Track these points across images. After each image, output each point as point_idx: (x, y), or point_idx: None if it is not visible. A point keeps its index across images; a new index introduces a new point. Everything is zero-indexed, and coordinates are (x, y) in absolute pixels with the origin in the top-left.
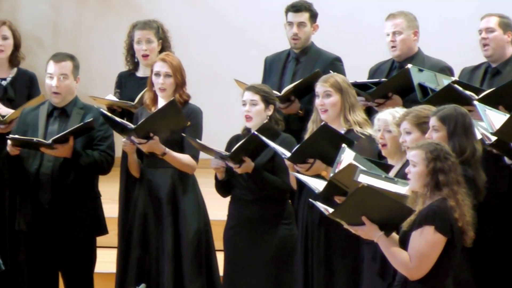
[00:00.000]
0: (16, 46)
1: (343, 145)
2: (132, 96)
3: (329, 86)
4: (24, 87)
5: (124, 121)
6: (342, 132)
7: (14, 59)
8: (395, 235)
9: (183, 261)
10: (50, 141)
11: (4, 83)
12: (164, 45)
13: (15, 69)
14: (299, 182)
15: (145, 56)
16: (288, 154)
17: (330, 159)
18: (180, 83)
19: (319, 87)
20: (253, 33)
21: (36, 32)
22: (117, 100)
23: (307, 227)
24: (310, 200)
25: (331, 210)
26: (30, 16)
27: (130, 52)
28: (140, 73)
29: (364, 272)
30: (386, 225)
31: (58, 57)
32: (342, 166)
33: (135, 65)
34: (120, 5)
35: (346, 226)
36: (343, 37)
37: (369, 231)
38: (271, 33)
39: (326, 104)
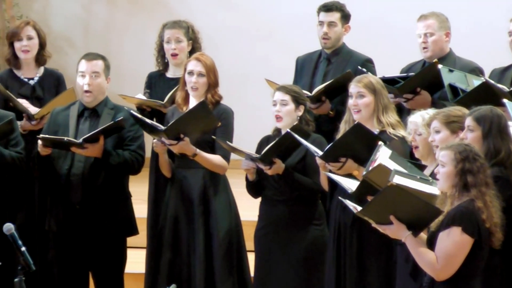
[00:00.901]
0: (42, 45)
1: (380, 142)
2: (162, 97)
3: (362, 86)
4: (52, 86)
5: (154, 122)
6: (376, 133)
7: (40, 58)
8: (423, 236)
9: (214, 261)
10: (80, 140)
11: (32, 82)
12: (194, 46)
13: (41, 69)
14: (332, 183)
15: (174, 55)
16: (320, 152)
17: (362, 159)
18: (212, 83)
19: (353, 88)
20: (283, 33)
21: (67, 32)
22: (146, 99)
23: (340, 228)
24: (340, 198)
25: (359, 208)
26: (61, 17)
27: (161, 52)
28: (170, 73)
29: (397, 273)
30: (414, 225)
31: (90, 56)
32: (376, 164)
33: (166, 66)
34: (150, 5)
35: (374, 225)
36: (373, 38)
37: (396, 231)
38: (302, 34)
39: (359, 105)
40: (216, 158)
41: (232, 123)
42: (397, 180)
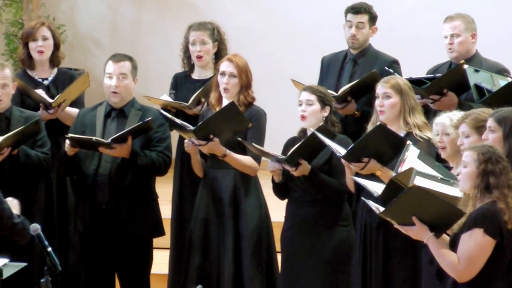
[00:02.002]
0: (57, 46)
1: (408, 142)
2: (187, 98)
3: (389, 87)
4: (67, 85)
5: (184, 122)
6: (402, 135)
7: (54, 59)
8: (445, 237)
9: (243, 261)
10: (109, 140)
11: (46, 82)
12: (220, 47)
13: (55, 69)
14: (358, 185)
15: (199, 57)
16: (342, 152)
17: (385, 159)
18: (245, 85)
19: (380, 88)
20: (310, 34)
21: (94, 33)
22: (171, 100)
23: (365, 230)
24: (363, 198)
25: (382, 209)
26: (88, 17)
27: (186, 54)
28: (196, 75)
29: (422, 274)
30: (437, 226)
31: (117, 57)
32: (405, 164)
33: (191, 67)
34: (177, 6)
35: (396, 225)
36: (400, 39)
37: (419, 232)
38: (329, 35)
39: (385, 105)
40: (246, 159)
41: (264, 124)
42: (418, 181)
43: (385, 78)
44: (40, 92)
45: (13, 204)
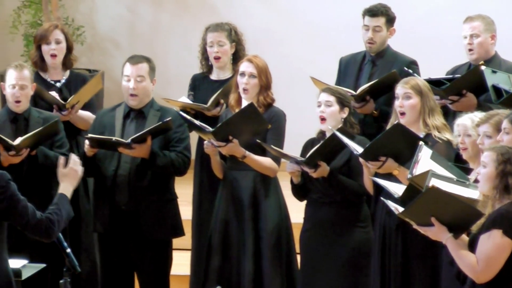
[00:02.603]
0: (69, 49)
1: (421, 143)
2: (205, 99)
3: (409, 88)
4: (79, 88)
5: (203, 124)
6: (421, 136)
7: (67, 62)
8: (464, 238)
9: (263, 262)
10: (128, 140)
11: (58, 84)
12: (238, 48)
13: (68, 71)
14: (377, 186)
15: (216, 58)
16: (360, 150)
17: (403, 158)
18: (264, 85)
19: (399, 89)
20: (328, 35)
21: (112, 34)
22: (190, 102)
23: (385, 232)
24: (381, 198)
25: (401, 209)
26: (106, 18)
27: (204, 55)
28: (214, 76)
29: (442, 275)
30: (455, 227)
31: (135, 59)
32: (419, 165)
33: (209, 68)
34: (196, 7)
35: (415, 226)
36: (419, 39)
37: (438, 232)
38: (347, 35)
39: (405, 106)
40: (266, 161)
41: (283, 126)
42: (434, 183)
43: (405, 79)
44: (53, 94)
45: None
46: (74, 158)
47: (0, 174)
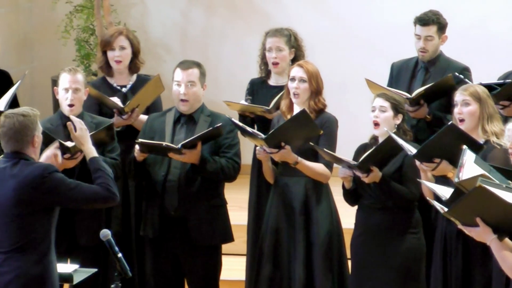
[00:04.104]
0: (135, 54)
1: (464, 147)
2: (263, 104)
3: (468, 95)
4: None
5: (255, 131)
6: (481, 142)
7: (133, 66)
8: (509, 241)
9: (314, 268)
10: (179, 146)
11: (124, 90)
12: (297, 54)
13: (134, 76)
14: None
15: (275, 64)
16: (414, 151)
17: (457, 160)
18: (314, 90)
19: (458, 96)
20: (379, 41)
21: (165, 39)
22: (251, 104)
23: (445, 238)
24: (428, 198)
25: (446, 209)
26: (159, 23)
27: (264, 59)
28: (272, 81)
29: (493, 280)
30: (500, 228)
31: (185, 65)
32: (464, 169)
33: (268, 73)
34: (248, 13)
35: (460, 226)
36: (471, 45)
37: (482, 233)
38: (397, 41)
39: (464, 113)
40: (318, 167)
41: (335, 131)
42: None
43: (464, 86)
44: (115, 99)
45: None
46: (74, 119)
47: (46, 166)
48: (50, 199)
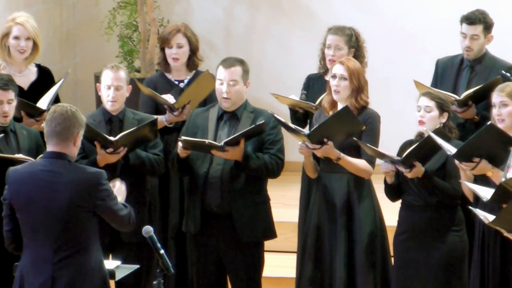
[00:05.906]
0: (193, 51)
1: (511, 147)
2: (317, 99)
3: (505, 95)
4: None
5: (297, 127)
6: None
7: (191, 64)
8: None
9: (356, 266)
10: (222, 143)
11: (182, 85)
12: (356, 54)
13: (193, 72)
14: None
15: (331, 61)
16: (453, 151)
17: (497, 160)
18: (356, 88)
19: (495, 97)
20: (423, 38)
21: (208, 36)
22: (299, 100)
23: (484, 237)
24: (470, 207)
25: (491, 218)
26: (202, 20)
27: (323, 56)
28: (329, 77)
29: None
30: None
31: (228, 63)
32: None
33: (326, 69)
34: (292, 10)
35: (506, 234)
36: None
37: None
38: (441, 38)
39: (503, 114)
40: (360, 163)
41: (378, 127)
42: None
43: (500, 86)
44: (167, 96)
45: (120, 191)
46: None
47: (102, 174)
48: (100, 206)
